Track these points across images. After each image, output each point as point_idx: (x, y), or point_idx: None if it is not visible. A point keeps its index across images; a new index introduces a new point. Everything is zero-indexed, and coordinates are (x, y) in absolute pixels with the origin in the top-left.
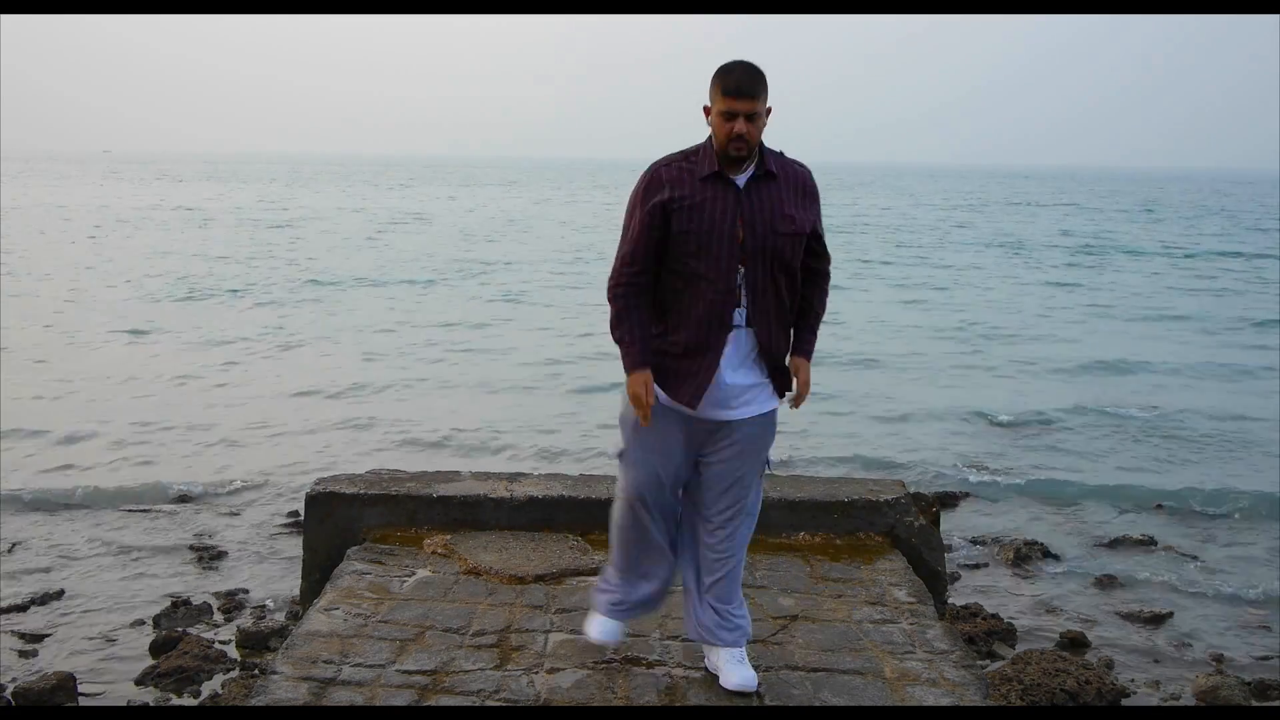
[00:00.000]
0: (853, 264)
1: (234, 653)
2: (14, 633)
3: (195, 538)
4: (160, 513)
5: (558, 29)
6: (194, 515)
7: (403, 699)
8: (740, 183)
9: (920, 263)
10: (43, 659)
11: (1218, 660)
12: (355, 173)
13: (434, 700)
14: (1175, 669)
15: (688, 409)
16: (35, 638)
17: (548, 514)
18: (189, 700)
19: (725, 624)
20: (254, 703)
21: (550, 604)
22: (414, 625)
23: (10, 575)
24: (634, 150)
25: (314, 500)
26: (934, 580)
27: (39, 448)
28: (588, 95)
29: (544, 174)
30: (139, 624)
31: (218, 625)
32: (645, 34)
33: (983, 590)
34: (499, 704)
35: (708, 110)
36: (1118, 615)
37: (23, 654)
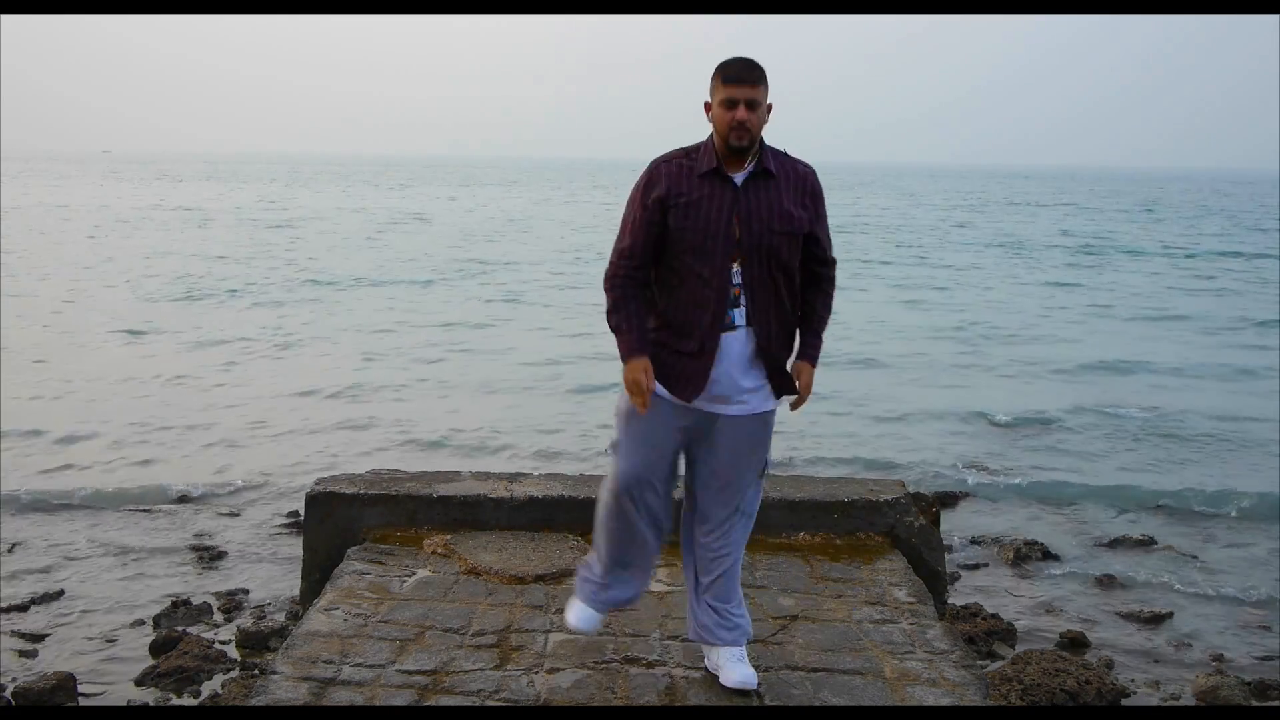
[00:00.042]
0: (853, 264)
1: (234, 653)
2: (14, 633)
3: (195, 538)
4: (160, 513)
5: (557, 29)
6: (194, 515)
7: (403, 699)
8: (739, 180)
9: (920, 263)
10: (43, 659)
11: (1218, 660)
12: (355, 173)
13: (434, 700)
14: (1175, 669)
15: (684, 403)
16: (35, 638)
17: (548, 514)
18: (189, 700)
19: (724, 623)
20: (254, 703)
21: (550, 604)
22: (414, 625)
23: (10, 575)
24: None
25: (314, 500)
26: (934, 580)
27: (38, 448)
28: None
29: (544, 174)
30: (139, 624)
31: (218, 625)
32: (645, 34)
33: (983, 590)
34: (499, 704)
35: (708, 107)
36: (1118, 615)
37: (23, 654)
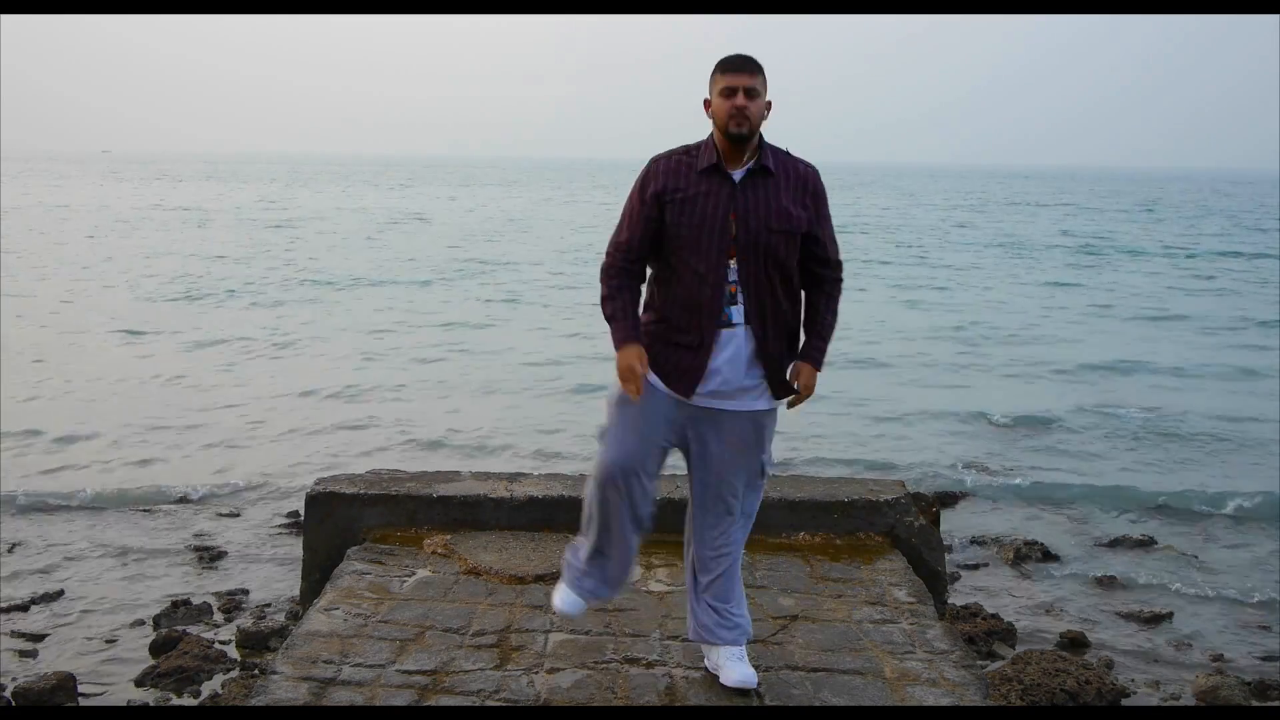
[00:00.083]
0: (853, 264)
1: (234, 653)
2: (14, 633)
3: (195, 538)
4: (160, 513)
5: (558, 29)
6: (194, 515)
7: (403, 699)
8: (737, 177)
9: (920, 263)
10: (43, 659)
11: (1218, 660)
12: (355, 173)
13: (434, 700)
14: (1175, 669)
15: (680, 397)
16: (35, 638)
17: (548, 514)
18: (189, 700)
19: (724, 622)
20: (254, 703)
21: (550, 604)
22: (414, 625)
23: (10, 575)
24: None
25: (314, 500)
26: (934, 580)
27: (38, 448)
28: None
29: (544, 174)
30: (139, 624)
31: (218, 625)
32: (645, 34)
33: (983, 590)
34: (499, 704)
35: (707, 104)
36: (1118, 615)
37: (23, 654)
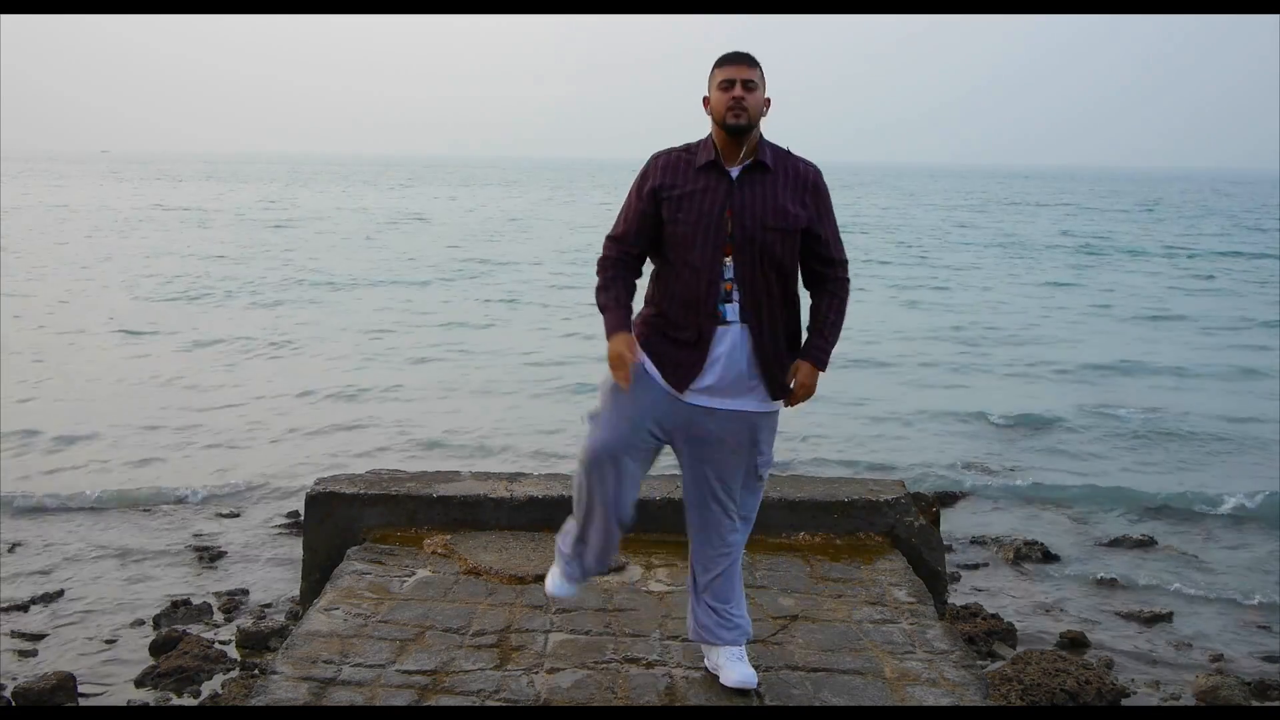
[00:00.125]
0: (853, 264)
1: (234, 653)
2: (14, 633)
3: (195, 538)
4: (160, 513)
5: (558, 29)
6: (194, 515)
7: (403, 699)
8: (734, 174)
9: (920, 263)
10: (43, 659)
11: (1218, 660)
12: (355, 173)
13: (434, 700)
14: (1175, 669)
15: (674, 391)
16: (35, 638)
17: (548, 514)
18: (189, 700)
19: (724, 622)
20: (254, 703)
21: (550, 604)
22: (414, 625)
23: (10, 575)
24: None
25: (314, 500)
26: (934, 580)
27: (38, 448)
28: (588, 95)
29: (544, 174)
30: (139, 624)
31: (218, 625)
32: (645, 34)
33: (983, 590)
34: (499, 704)
35: (706, 101)
36: (1118, 615)
37: (23, 654)
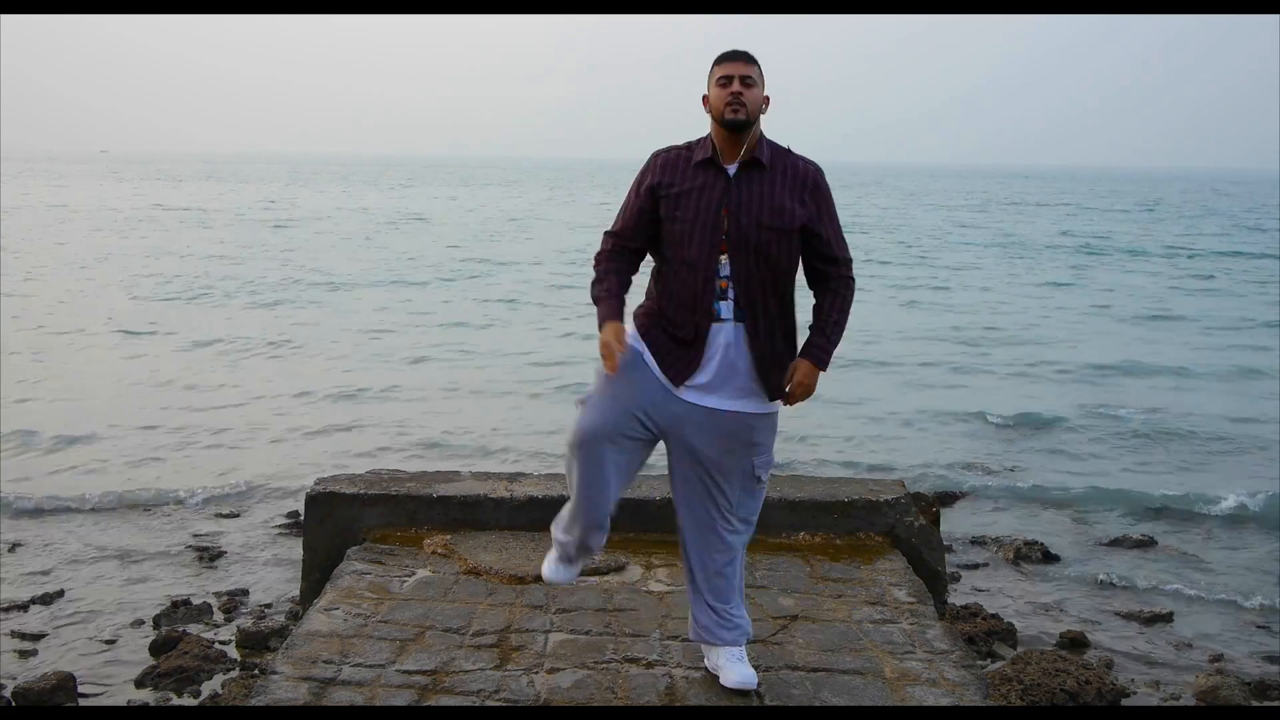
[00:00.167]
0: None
1: (234, 653)
2: (14, 633)
3: (195, 538)
4: (160, 513)
5: (558, 29)
6: (194, 515)
7: (403, 699)
8: (732, 171)
9: (920, 263)
10: (43, 659)
11: (1218, 660)
12: (355, 173)
13: (434, 700)
14: (1175, 669)
15: (670, 385)
16: (35, 638)
17: (548, 514)
18: (189, 700)
19: (724, 623)
20: (254, 703)
21: (550, 604)
22: (414, 625)
23: (10, 575)
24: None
25: (314, 500)
26: (934, 580)
27: (37, 449)
28: (588, 95)
29: (544, 174)
30: (139, 624)
31: (218, 625)
32: (645, 34)
33: (983, 590)
34: (499, 704)
35: (706, 100)
36: (1118, 615)
37: (23, 654)
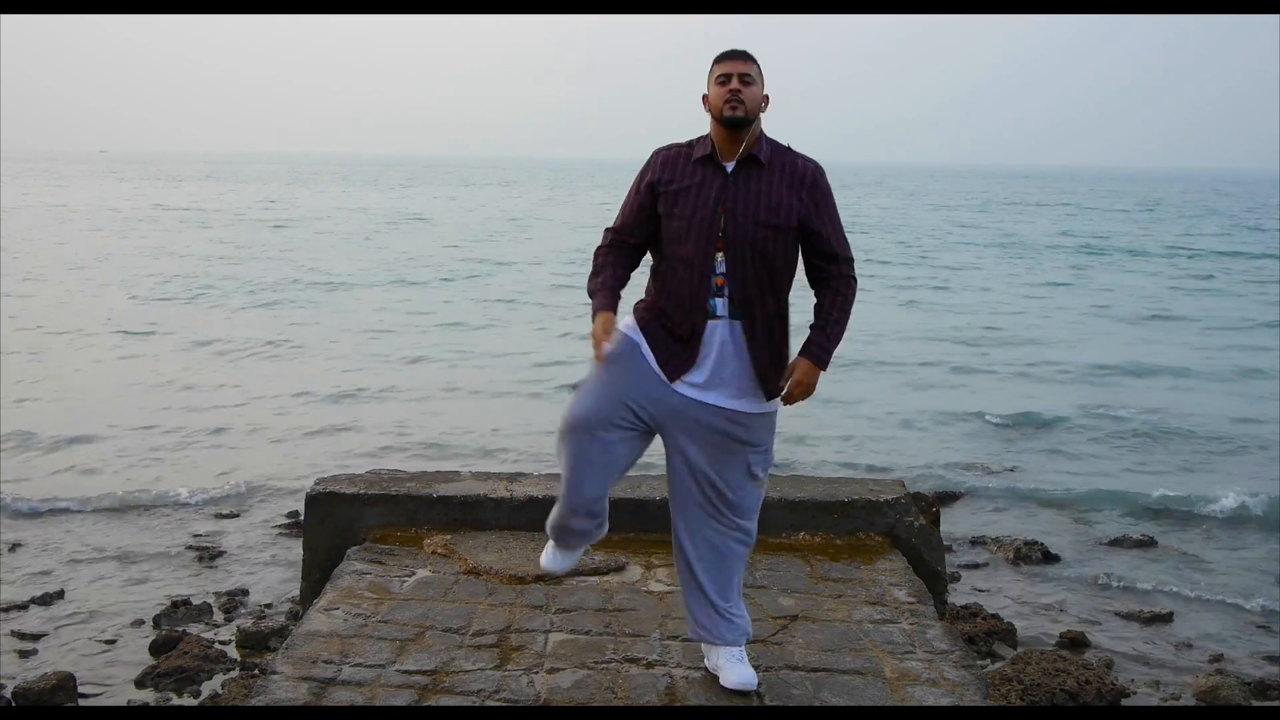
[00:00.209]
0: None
1: (234, 653)
2: (14, 633)
3: (195, 538)
4: (160, 513)
5: (558, 29)
6: (194, 515)
7: (403, 699)
8: (730, 168)
9: (920, 263)
10: (43, 659)
11: (1218, 660)
12: (355, 173)
13: (434, 700)
14: (1175, 669)
15: (665, 379)
16: (35, 638)
17: (548, 514)
18: (189, 700)
19: (724, 622)
20: (254, 703)
21: (550, 604)
22: (414, 625)
23: (10, 575)
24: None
25: (314, 500)
26: (934, 580)
27: (37, 449)
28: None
29: (544, 174)
30: (139, 624)
31: (218, 625)
32: (645, 34)
33: (983, 590)
34: (499, 704)
35: (706, 99)
36: (1118, 615)
37: (22, 654)
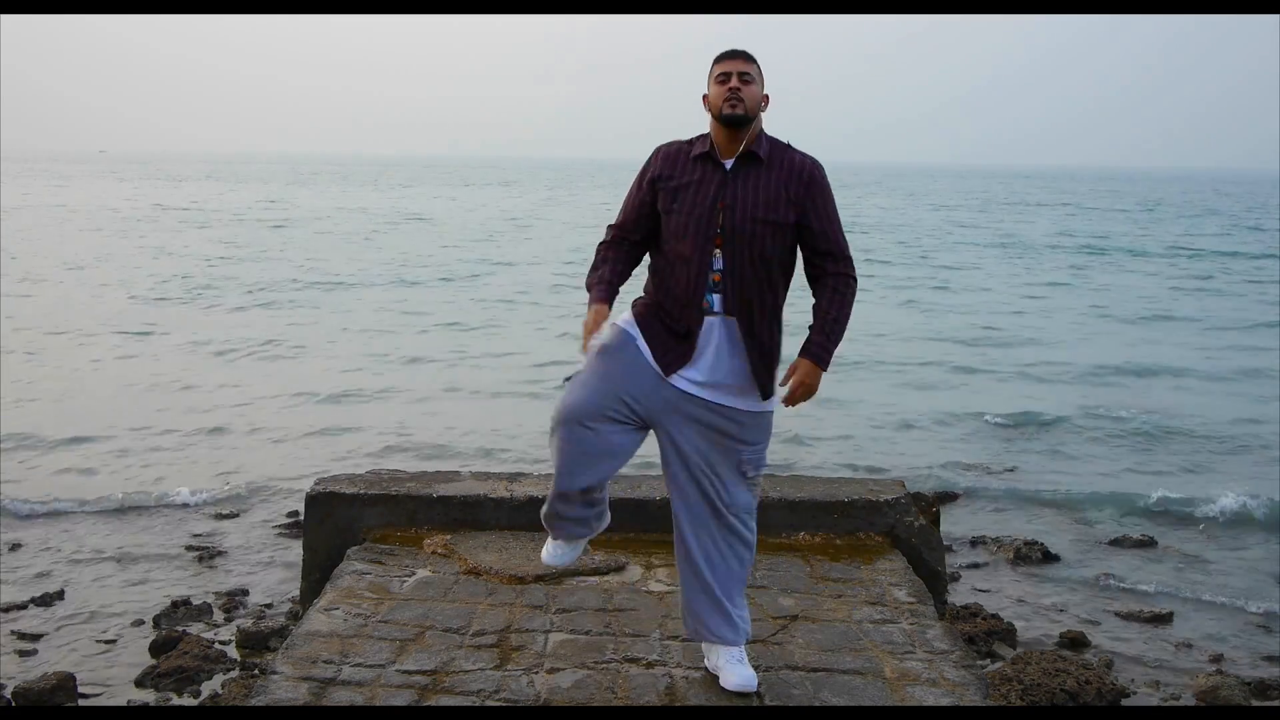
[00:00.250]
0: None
1: (234, 653)
2: (14, 633)
3: (195, 538)
4: (160, 513)
5: (557, 29)
6: (194, 516)
7: (403, 699)
8: (729, 166)
9: (920, 263)
10: (43, 659)
11: (1218, 660)
12: (355, 173)
13: (434, 700)
14: (1175, 669)
15: (660, 373)
16: (35, 638)
17: None
18: (189, 700)
19: (724, 622)
20: (254, 703)
21: (550, 604)
22: (414, 625)
23: (10, 575)
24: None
25: (314, 500)
26: (934, 580)
27: (37, 450)
28: (587, 95)
29: (544, 174)
30: (139, 624)
31: (218, 625)
32: (645, 34)
33: (983, 590)
34: (499, 704)
35: (706, 99)
36: (1118, 615)
37: (22, 654)
